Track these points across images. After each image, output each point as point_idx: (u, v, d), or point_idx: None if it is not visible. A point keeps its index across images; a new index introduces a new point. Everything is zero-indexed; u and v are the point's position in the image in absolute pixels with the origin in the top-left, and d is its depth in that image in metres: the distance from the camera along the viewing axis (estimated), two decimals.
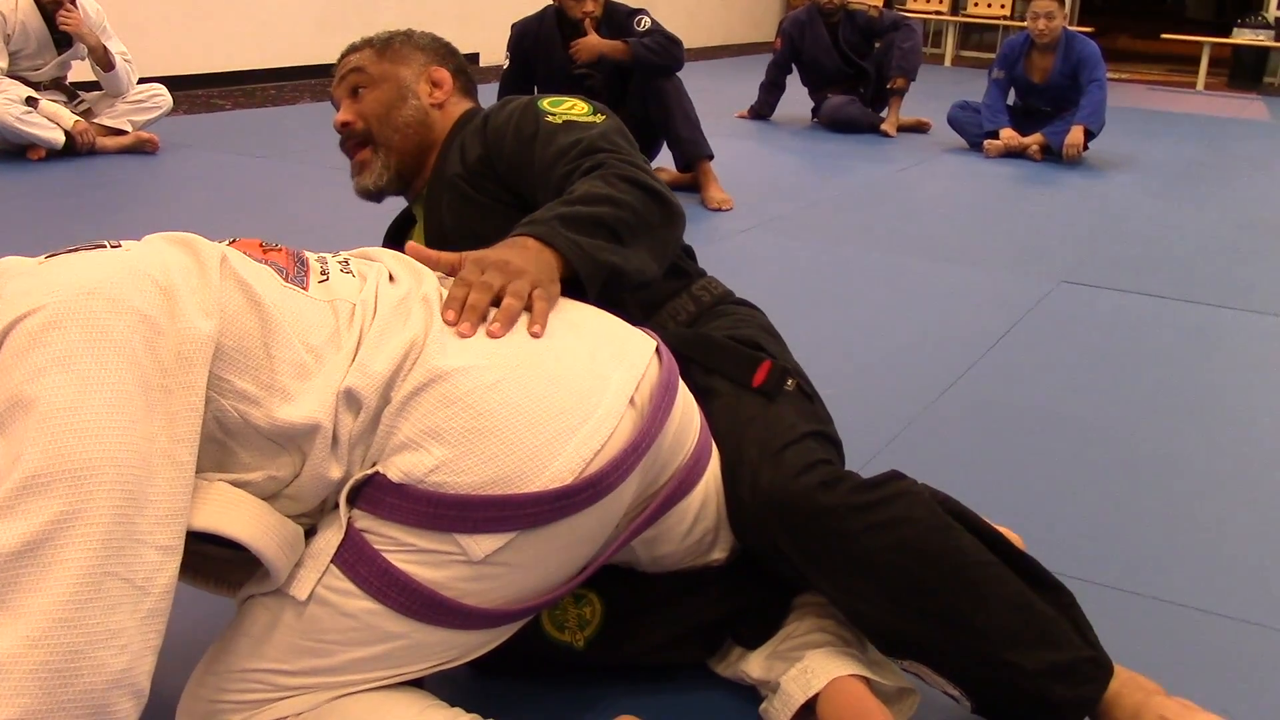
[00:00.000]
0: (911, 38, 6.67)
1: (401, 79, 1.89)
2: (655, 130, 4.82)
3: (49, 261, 1.24)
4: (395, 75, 1.89)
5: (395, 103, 1.87)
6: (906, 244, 4.23)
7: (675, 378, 1.46)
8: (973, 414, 2.64)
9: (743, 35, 12.53)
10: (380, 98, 1.87)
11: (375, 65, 1.88)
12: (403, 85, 1.88)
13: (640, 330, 1.51)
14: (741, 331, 1.74)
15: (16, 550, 1.05)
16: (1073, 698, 1.37)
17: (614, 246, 1.52)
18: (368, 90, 1.87)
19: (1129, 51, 13.79)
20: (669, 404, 1.41)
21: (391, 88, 1.87)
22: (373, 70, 1.88)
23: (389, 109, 1.86)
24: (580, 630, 1.54)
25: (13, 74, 4.81)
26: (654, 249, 1.59)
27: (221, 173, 4.85)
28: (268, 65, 7.46)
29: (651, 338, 1.49)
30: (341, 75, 1.90)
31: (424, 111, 1.88)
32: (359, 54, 1.90)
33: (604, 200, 1.53)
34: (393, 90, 1.87)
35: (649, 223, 1.57)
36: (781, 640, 1.57)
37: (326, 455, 1.26)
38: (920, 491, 1.46)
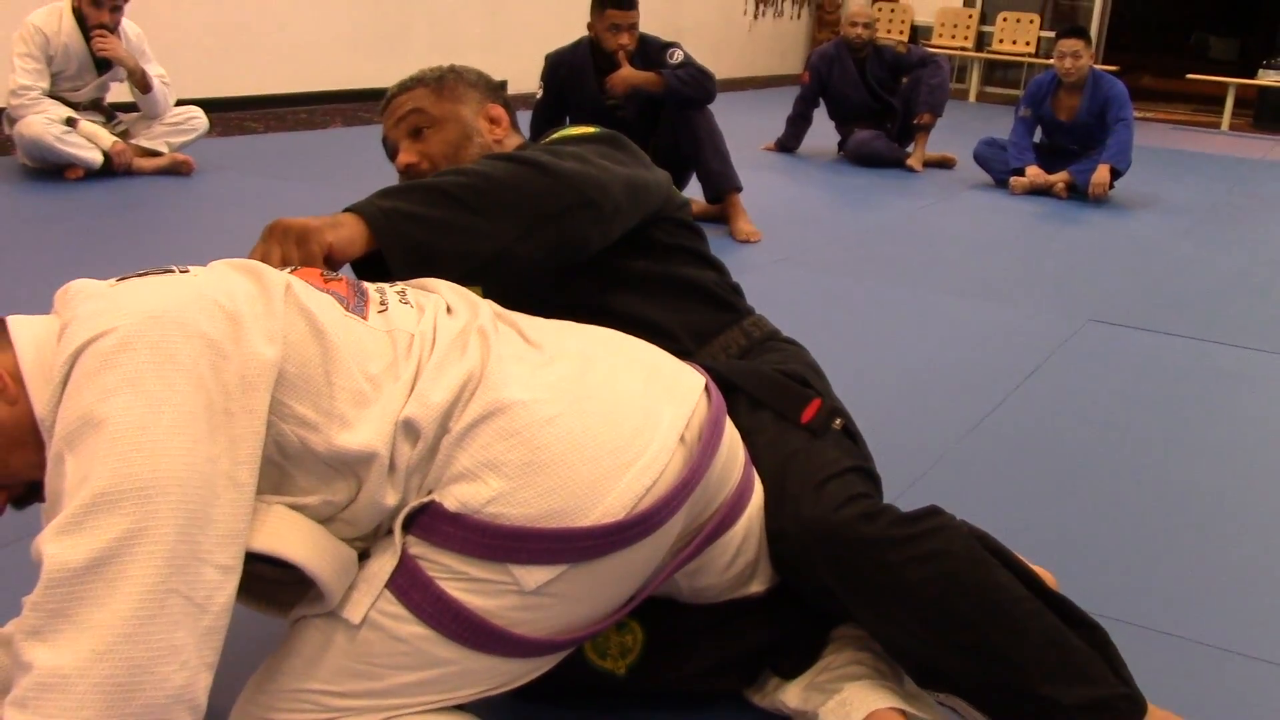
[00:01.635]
0: (939, 74, 6.72)
1: (463, 118, 1.87)
2: (686, 162, 4.87)
3: (119, 285, 1.27)
4: (457, 114, 1.87)
5: (461, 142, 1.85)
6: (933, 279, 4.25)
7: (723, 415, 1.49)
8: (1002, 452, 2.66)
9: (767, 68, 12.60)
10: (446, 138, 1.85)
11: (435, 105, 1.86)
12: (465, 124, 1.87)
13: (689, 366, 1.54)
14: (790, 367, 1.76)
15: (84, 565, 1.09)
16: None
17: (442, 214, 1.49)
18: (431, 131, 1.86)
19: (1153, 90, 13.82)
20: (717, 441, 1.44)
21: (455, 127, 1.86)
22: (434, 110, 1.86)
23: (455, 149, 1.85)
24: (622, 658, 1.55)
25: (53, 94, 4.88)
26: (525, 224, 1.54)
27: (254, 195, 4.91)
28: (300, 89, 7.54)
29: (700, 374, 1.52)
30: (400, 116, 1.88)
31: (487, 149, 1.87)
32: (413, 93, 1.88)
33: (463, 172, 1.52)
34: (457, 130, 1.86)
35: (520, 197, 1.53)
36: (819, 671, 1.59)
37: (383, 482, 1.29)
38: (959, 526, 1.48)
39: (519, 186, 1.54)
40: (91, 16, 4.80)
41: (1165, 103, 12.60)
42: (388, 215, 1.51)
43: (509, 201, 1.54)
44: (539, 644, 1.34)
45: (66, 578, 1.09)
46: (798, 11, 13.10)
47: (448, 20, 8.52)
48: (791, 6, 12.95)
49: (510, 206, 1.54)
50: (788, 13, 12.92)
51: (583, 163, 1.62)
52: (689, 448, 1.40)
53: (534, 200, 1.56)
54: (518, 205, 1.54)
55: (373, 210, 1.51)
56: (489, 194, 1.52)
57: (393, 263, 1.51)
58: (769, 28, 12.65)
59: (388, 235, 1.51)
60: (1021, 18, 12.10)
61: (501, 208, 1.54)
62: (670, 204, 1.83)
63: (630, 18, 4.66)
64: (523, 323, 1.49)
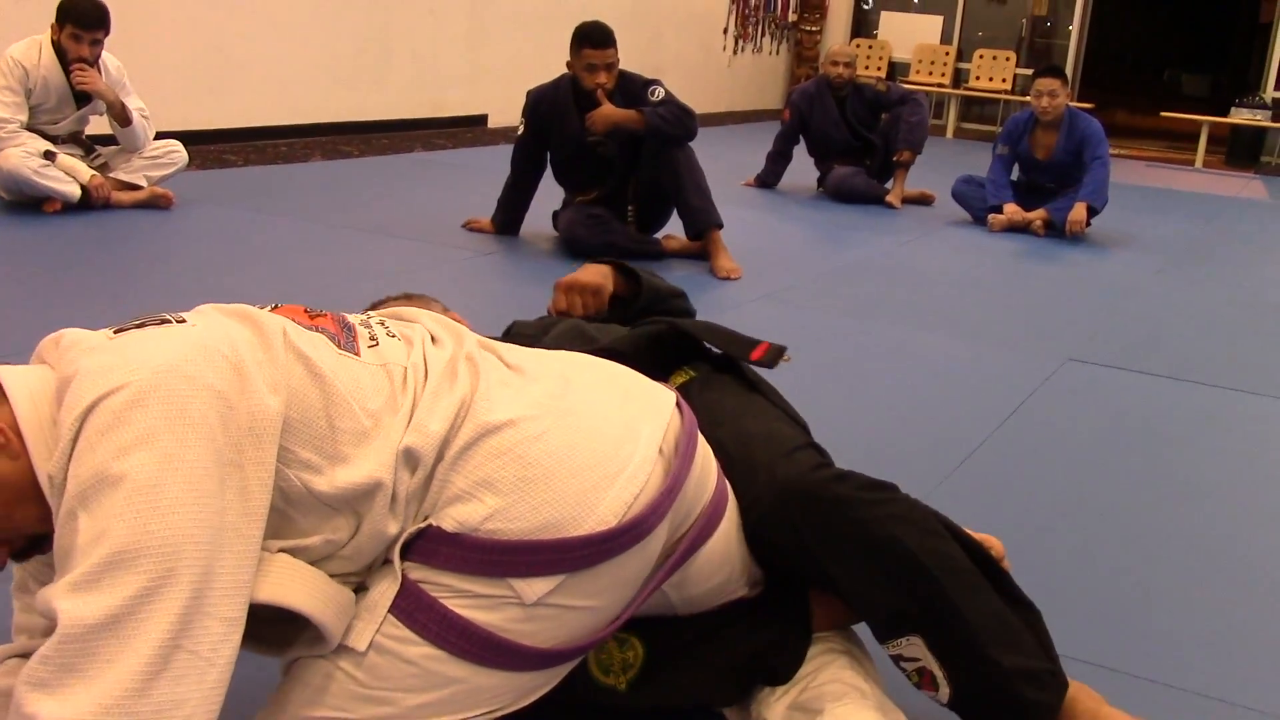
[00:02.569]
0: (918, 112, 6.78)
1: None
2: (666, 198, 4.88)
3: (119, 337, 1.27)
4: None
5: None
6: (912, 317, 4.27)
7: (695, 428, 1.56)
8: (982, 493, 2.66)
9: (746, 103, 12.68)
10: None
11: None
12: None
13: (659, 385, 1.61)
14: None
15: (99, 622, 1.10)
16: (1039, 700, 1.51)
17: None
18: None
19: (1128, 127, 13.97)
20: (692, 452, 1.51)
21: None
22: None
23: None
24: (623, 673, 1.61)
25: (32, 127, 4.85)
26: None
27: (233, 228, 4.89)
28: (280, 122, 7.54)
29: (670, 391, 1.60)
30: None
31: None
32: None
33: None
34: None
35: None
36: (801, 690, 1.63)
37: (385, 512, 1.32)
38: (917, 501, 1.62)
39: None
40: (71, 50, 4.79)
41: (1140, 140, 12.75)
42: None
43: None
44: (545, 654, 1.37)
45: (81, 633, 1.10)
46: (776, 48, 13.21)
47: (429, 54, 8.55)
48: (770, 43, 13.05)
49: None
50: (766, 49, 13.02)
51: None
52: (667, 458, 1.46)
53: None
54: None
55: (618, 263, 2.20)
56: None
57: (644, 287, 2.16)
58: (748, 63, 12.74)
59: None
60: (998, 55, 12.24)
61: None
62: None
63: (607, 56, 4.68)
64: (502, 350, 1.55)
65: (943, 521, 1.62)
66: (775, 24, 13.00)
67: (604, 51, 4.67)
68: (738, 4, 12.24)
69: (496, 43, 9.05)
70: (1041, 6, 12.93)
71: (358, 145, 7.63)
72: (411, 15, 8.35)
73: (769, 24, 12.88)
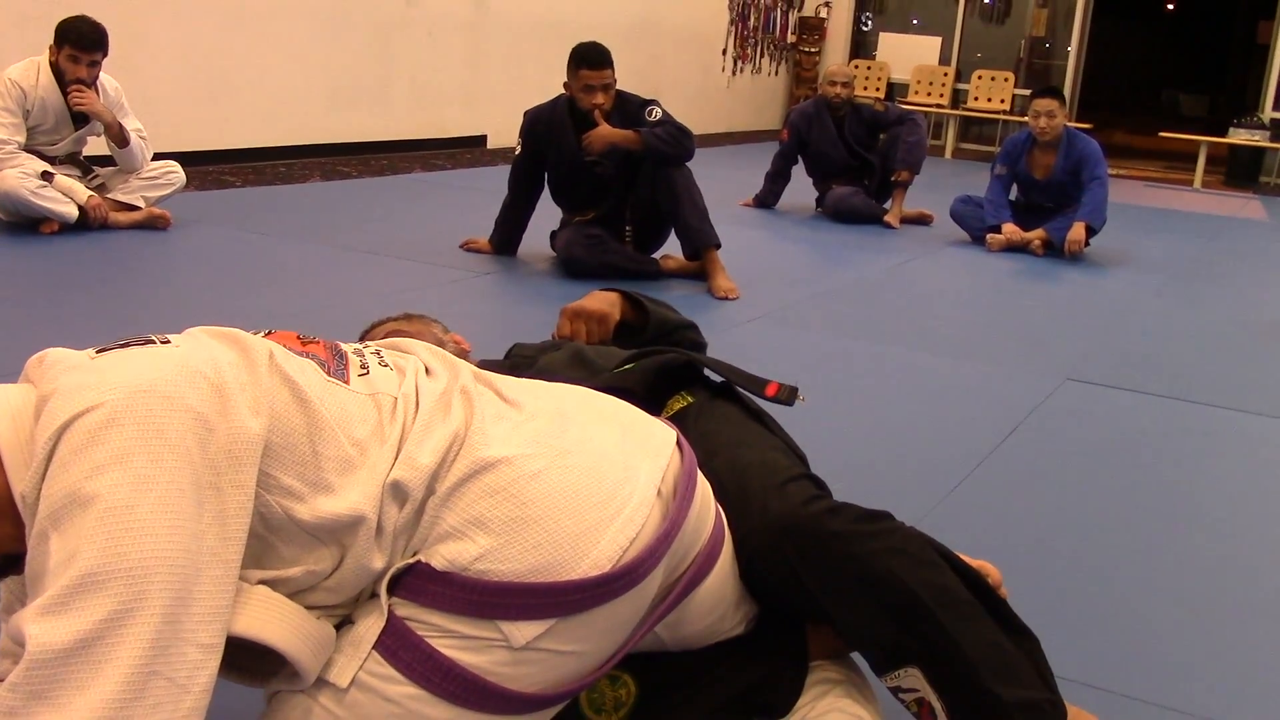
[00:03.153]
0: (916, 132, 6.78)
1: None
2: (664, 218, 4.88)
3: (101, 357, 1.25)
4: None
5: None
6: (910, 337, 4.26)
7: (695, 468, 1.52)
8: (981, 513, 2.65)
9: (745, 123, 12.71)
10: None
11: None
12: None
13: (660, 421, 1.57)
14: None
15: (68, 647, 1.07)
16: None
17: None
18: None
19: (1126, 147, 14.00)
20: (691, 493, 1.47)
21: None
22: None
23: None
24: (615, 711, 1.58)
25: (29, 148, 4.86)
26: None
27: (230, 249, 4.89)
28: (278, 143, 7.55)
29: (671, 429, 1.55)
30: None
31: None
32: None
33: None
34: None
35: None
36: None
37: (370, 546, 1.28)
38: (912, 530, 1.59)
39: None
40: (69, 71, 4.79)
41: (1139, 160, 12.77)
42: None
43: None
44: (530, 699, 1.34)
45: (49, 659, 1.06)
46: (775, 68, 13.24)
47: (427, 74, 8.57)
48: (769, 63, 13.09)
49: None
50: (765, 69, 13.05)
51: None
52: (665, 501, 1.42)
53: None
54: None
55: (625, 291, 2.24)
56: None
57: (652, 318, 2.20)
58: (747, 84, 12.77)
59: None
60: (996, 75, 12.26)
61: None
62: None
63: (604, 77, 4.68)
64: (499, 383, 1.51)
65: (938, 550, 1.60)
66: (774, 45, 13.04)
67: (601, 72, 4.67)
68: (737, 25, 12.28)
69: (495, 64, 9.07)
70: (1040, 27, 12.98)
71: (357, 166, 7.64)
72: (410, 37, 8.37)
73: (768, 45, 12.92)
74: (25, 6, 5.76)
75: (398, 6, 8.21)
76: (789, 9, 13.10)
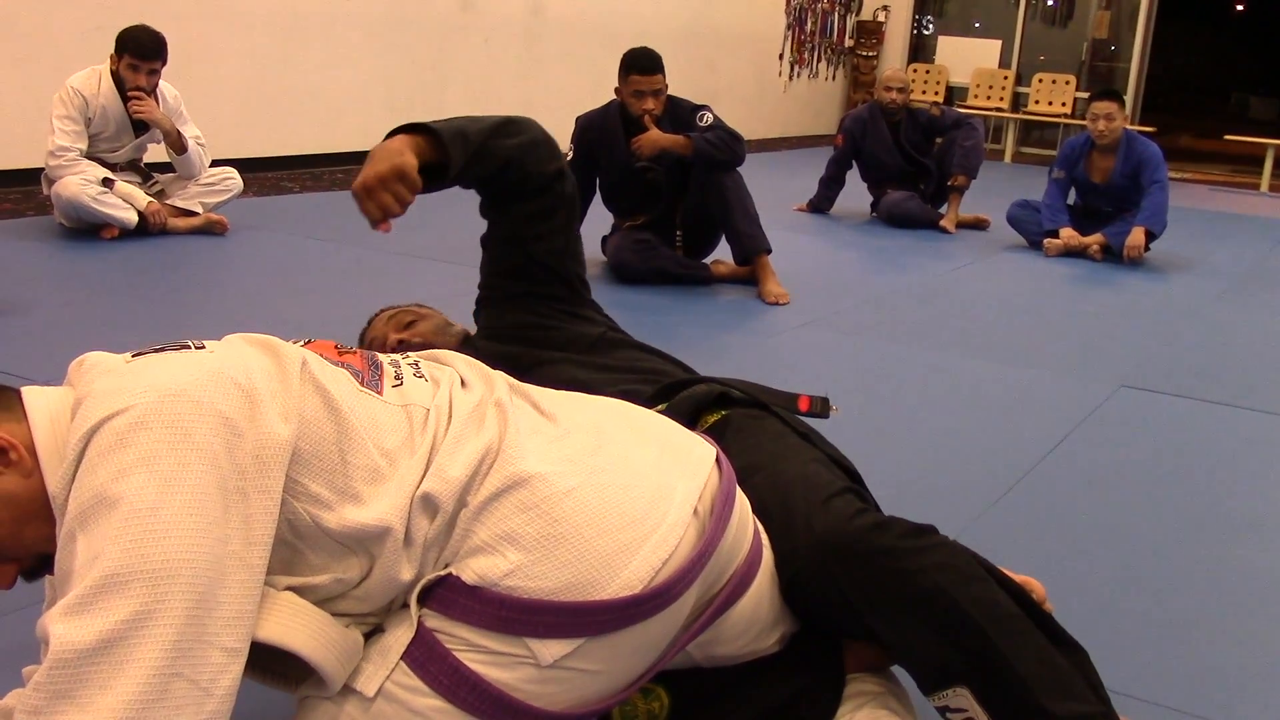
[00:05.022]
0: (973, 136, 6.71)
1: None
2: (714, 224, 4.87)
3: (136, 361, 1.28)
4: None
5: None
6: (962, 343, 4.21)
7: (734, 486, 1.50)
8: (1028, 522, 2.61)
9: (801, 128, 12.65)
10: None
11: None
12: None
13: (700, 437, 1.55)
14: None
15: (91, 647, 1.08)
16: None
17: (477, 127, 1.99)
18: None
19: (1191, 151, 13.77)
20: (728, 513, 1.45)
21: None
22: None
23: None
24: None
25: (91, 155, 4.95)
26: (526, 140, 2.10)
27: (285, 254, 4.95)
28: (336, 149, 7.63)
29: (711, 445, 1.53)
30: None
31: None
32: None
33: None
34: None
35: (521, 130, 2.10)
36: None
37: (398, 557, 1.29)
38: (958, 545, 1.56)
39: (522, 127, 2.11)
40: (128, 79, 4.87)
41: (1204, 163, 12.54)
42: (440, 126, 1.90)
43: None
44: (556, 717, 1.33)
45: (72, 659, 1.08)
46: (833, 73, 13.17)
47: (481, 81, 8.61)
48: (826, 68, 13.02)
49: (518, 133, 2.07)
50: (822, 74, 12.99)
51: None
52: (701, 520, 1.41)
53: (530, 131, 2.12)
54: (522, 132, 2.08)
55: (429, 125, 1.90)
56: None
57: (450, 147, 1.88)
58: (804, 88, 12.71)
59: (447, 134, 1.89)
60: (1057, 79, 12.11)
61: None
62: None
63: (654, 83, 4.67)
64: (536, 395, 1.50)
65: (985, 565, 1.57)
66: (831, 49, 12.97)
67: (651, 78, 4.66)
68: (794, 29, 12.23)
69: (550, 70, 9.10)
70: (1103, 29, 12.80)
71: None
72: (466, 43, 8.42)
73: (825, 49, 12.85)
74: (89, 18, 5.87)
75: (453, 13, 8.27)
76: (846, 13, 13.03)
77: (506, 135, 2.02)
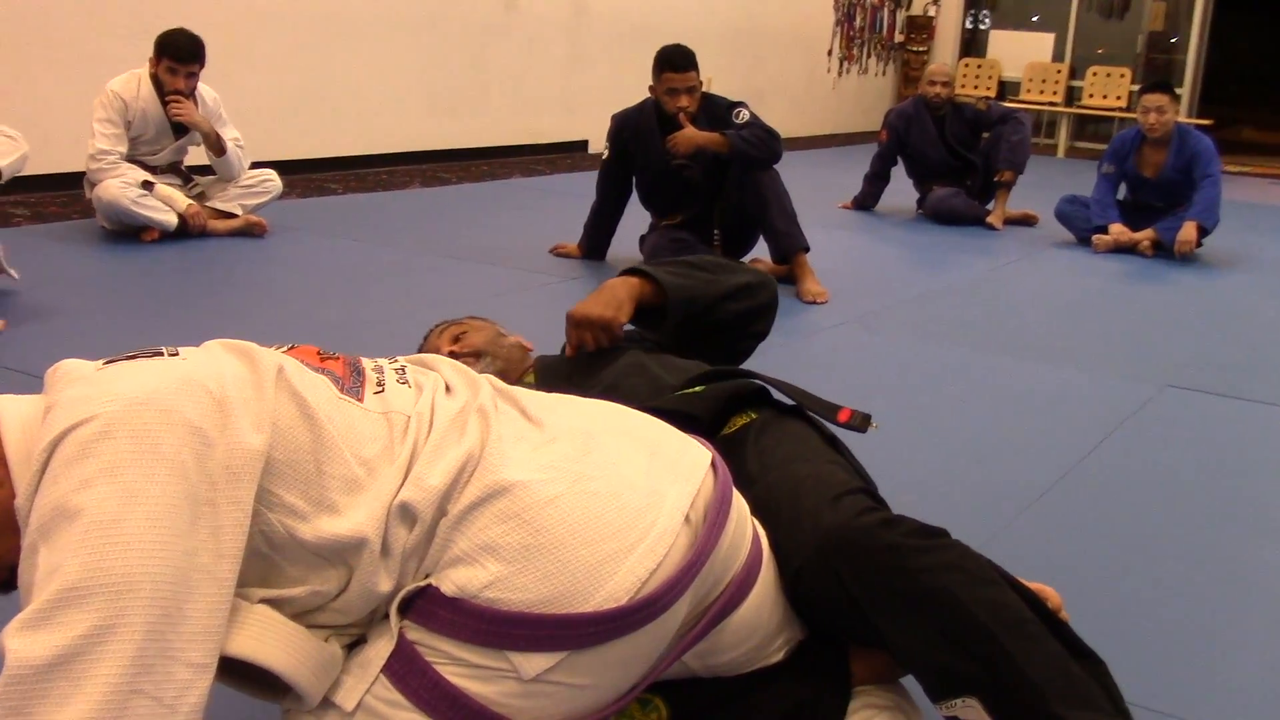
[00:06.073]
0: (1020, 131, 6.60)
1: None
2: (752, 222, 4.81)
3: (106, 368, 1.24)
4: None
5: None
6: (1004, 342, 4.12)
7: (730, 490, 1.44)
8: (1066, 523, 2.53)
9: (851, 124, 12.54)
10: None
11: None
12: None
13: (695, 440, 1.49)
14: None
15: (48, 662, 1.05)
16: None
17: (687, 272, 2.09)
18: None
19: (1254, 144, 13.48)
20: (723, 520, 1.39)
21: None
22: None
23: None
24: None
25: (132, 158, 4.98)
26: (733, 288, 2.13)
27: (323, 255, 4.95)
28: (380, 150, 7.66)
29: (706, 449, 1.48)
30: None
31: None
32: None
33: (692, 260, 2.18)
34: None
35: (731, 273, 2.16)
36: None
37: (375, 568, 1.25)
38: (970, 549, 1.50)
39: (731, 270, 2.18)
40: (167, 82, 4.91)
41: (1266, 157, 12.26)
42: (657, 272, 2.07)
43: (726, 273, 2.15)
44: None
45: (29, 674, 1.05)
46: (883, 68, 13.05)
47: (525, 80, 8.61)
48: (876, 64, 12.89)
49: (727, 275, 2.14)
50: (873, 69, 12.87)
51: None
52: (694, 528, 1.35)
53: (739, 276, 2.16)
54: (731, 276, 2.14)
55: (646, 272, 2.08)
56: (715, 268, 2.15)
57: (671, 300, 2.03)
58: (853, 84, 12.60)
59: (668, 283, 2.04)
60: (1112, 72, 11.91)
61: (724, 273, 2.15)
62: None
63: (688, 80, 4.63)
64: (524, 399, 1.46)
65: (999, 571, 1.51)
66: (881, 45, 12.84)
67: (685, 75, 4.62)
68: (843, 25, 12.13)
69: (595, 68, 9.08)
70: (1158, 22, 12.56)
71: (457, 172, 7.71)
72: (509, 42, 8.42)
73: (875, 45, 12.73)
74: (134, 22, 5.92)
75: (497, 12, 8.26)
76: (896, 8, 12.89)
77: (736, 300, 2.13)
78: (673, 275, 2.06)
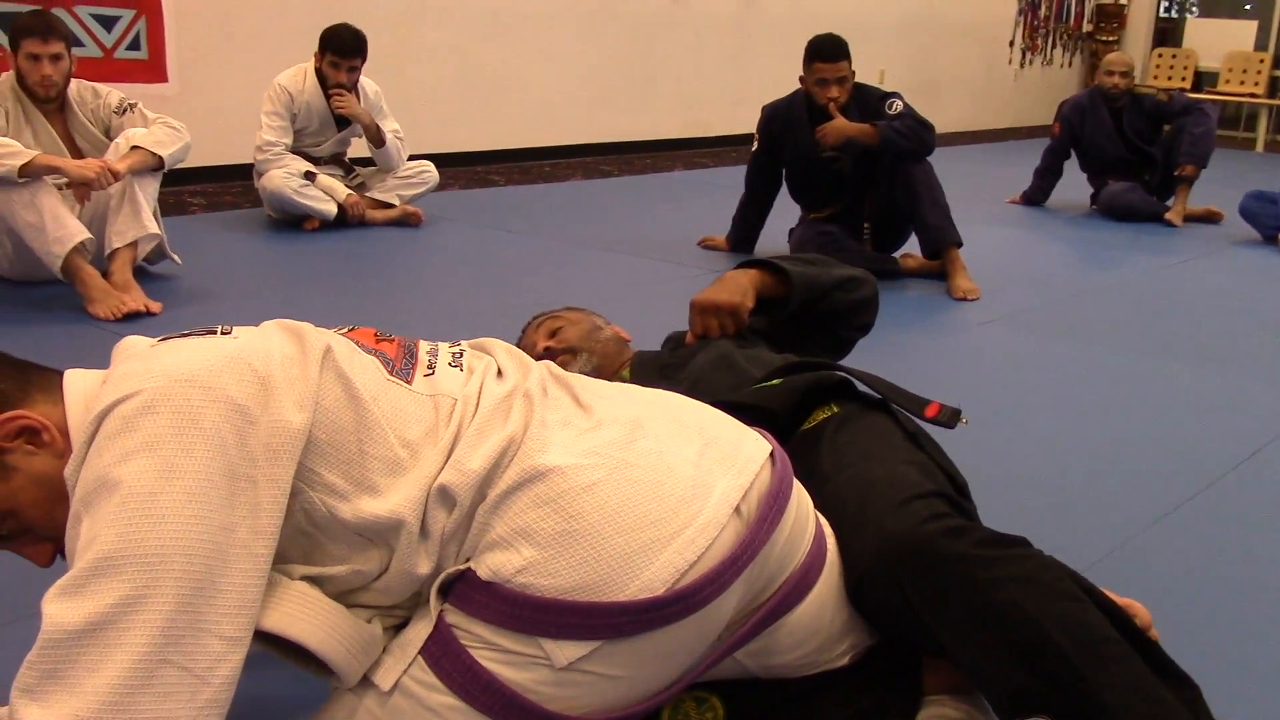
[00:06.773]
0: (1204, 123, 6.24)
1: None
2: (903, 216, 4.68)
3: (159, 345, 1.29)
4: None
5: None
6: (1166, 345, 3.90)
7: (789, 486, 1.40)
8: (1198, 540, 2.37)
9: (1034, 118, 12.11)
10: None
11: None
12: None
13: (756, 433, 1.45)
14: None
15: (80, 628, 1.09)
16: None
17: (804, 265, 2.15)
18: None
19: None
20: (778, 514, 1.35)
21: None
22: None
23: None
24: None
25: (296, 149, 5.17)
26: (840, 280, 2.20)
27: (475, 245, 5.03)
28: (544, 143, 7.76)
29: (768, 443, 1.43)
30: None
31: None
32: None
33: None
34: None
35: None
36: None
37: (414, 550, 1.26)
38: (1050, 559, 1.42)
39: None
40: (330, 76, 5.07)
41: None
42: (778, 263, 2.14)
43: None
44: None
45: (62, 639, 1.09)
46: (1069, 59, 12.56)
47: (692, 73, 8.60)
48: (1062, 55, 12.42)
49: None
50: (1058, 60, 12.40)
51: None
52: (745, 520, 1.31)
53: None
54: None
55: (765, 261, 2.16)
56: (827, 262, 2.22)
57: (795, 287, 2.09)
58: (1037, 76, 12.17)
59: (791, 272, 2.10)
60: None
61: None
62: None
63: (838, 70, 4.53)
64: (579, 385, 1.45)
65: (1081, 584, 1.42)
66: (1068, 35, 12.37)
67: (835, 65, 4.53)
68: (1026, 15, 11.72)
69: (762, 62, 8.99)
70: None
71: (619, 165, 7.76)
72: (676, 36, 8.42)
73: (1060, 35, 12.26)
74: (307, 19, 6.13)
75: (664, 7, 8.27)
76: None
77: (846, 290, 2.19)
78: (790, 264, 2.12)
